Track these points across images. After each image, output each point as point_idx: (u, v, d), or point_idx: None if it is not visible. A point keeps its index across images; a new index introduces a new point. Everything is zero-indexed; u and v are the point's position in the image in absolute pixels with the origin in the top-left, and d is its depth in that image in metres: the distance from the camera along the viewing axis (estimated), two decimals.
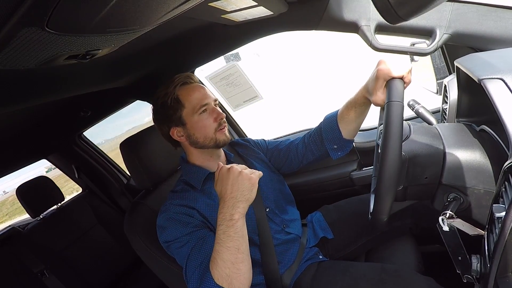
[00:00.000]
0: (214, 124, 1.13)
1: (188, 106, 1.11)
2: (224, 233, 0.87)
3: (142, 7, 0.55)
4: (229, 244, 0.86)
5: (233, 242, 0.86)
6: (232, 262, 0.86)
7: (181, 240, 0.99)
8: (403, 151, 0.81)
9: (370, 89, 0.98)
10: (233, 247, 0.86)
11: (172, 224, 1.03)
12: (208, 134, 1.12)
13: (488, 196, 0.76)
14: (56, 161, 2.68)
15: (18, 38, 0.46)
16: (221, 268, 0.86)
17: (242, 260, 0.87)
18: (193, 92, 1.12)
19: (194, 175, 1.16)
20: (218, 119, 1.13)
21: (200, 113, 1.11)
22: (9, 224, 2.64)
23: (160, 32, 1.05)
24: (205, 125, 1.12)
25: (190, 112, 1.11)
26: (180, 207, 1.06)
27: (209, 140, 1.13)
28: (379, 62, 0.92)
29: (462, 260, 0.76)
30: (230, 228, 0.86)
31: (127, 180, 2.74)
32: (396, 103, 0.76)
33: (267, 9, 1.09)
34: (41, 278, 2.00)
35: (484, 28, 1.06)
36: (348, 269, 1.08)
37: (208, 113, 1.13)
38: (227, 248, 0.86)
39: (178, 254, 1.00)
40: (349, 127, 1.15)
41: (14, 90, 0.95)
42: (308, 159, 1.28)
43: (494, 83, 0.67)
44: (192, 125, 1.12)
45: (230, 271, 0.85)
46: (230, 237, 0.86)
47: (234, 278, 0.85)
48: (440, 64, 1.36)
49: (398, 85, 0.84)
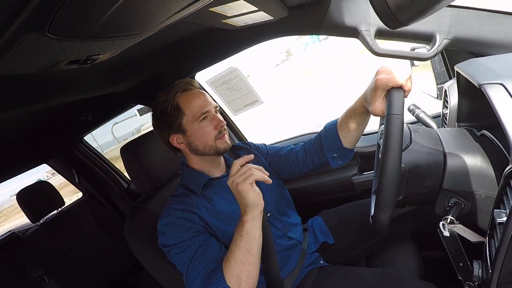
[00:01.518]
0: (214, 132, 1.12)
1: (189, 113, 1.10)
2: (237, 232, 0.90)
3: (143, 12, 0.55)
4: (240, 244, 0.88)
5: (244, 243, 0.88)
6: (243, 263, 0.87)
7: (182, 245, 0.99)
8: (403, 163, 0.80)
9: (368, 99, 0.96)
10: (244, 247, 0.88)
11: (173, 229, 1.03)
12: (208, 142, 1.11)
13: (489, 201, 0.76)
14: (57, 166, 2.68)
15: (20, 44, 0.46)
16: (233, 268, 0.87)
17: (252, 263, 0.89)
18: (193, 99, 1.11)
19: (194, 180, 1.16)
20: (219, 127, 1.12)
21: (200, 120, 1.10)
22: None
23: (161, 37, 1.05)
24: (205, 132, 1.11)
25: (191, 119, 1.10)
26: (180, 212, 1.05)
27: (209, 148, 1.12)
28: (377, 71, 0.90)
29: (464, 266, 0.75)
30: (241, 228, 0.89)
31: (127, 185, 2.74)
32: (395, 117, 0.74)
33: (267, 14, 1.10)
34: (41, 283, 1.99)
35: (484, 33, 1.06)
36: (349, 274, 1.07)
37: (208, 121, 1.12)
38: (238, 248, 0.88)
39: (179, 259, 0.99)
40: (349, 136, 1.13)
41: (15, 95, 0.95)
42: (308, 167, 1.27)
43: (494, 88, 0.67)
44: (192, 132, 1.11)
45: (241, 272, 0.87)
46: (241, 236, 0.88)
47: (244, 280, 0.87)
48: (440, 69, 1.36)
49: (398, 96, 0.81)
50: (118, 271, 2.43)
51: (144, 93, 1.68)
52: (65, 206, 2.44)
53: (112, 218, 2.61)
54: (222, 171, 1.23)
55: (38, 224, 2.27)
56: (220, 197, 1.14)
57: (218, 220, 1.09)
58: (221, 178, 1.20)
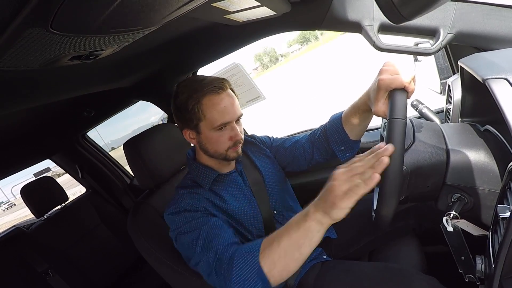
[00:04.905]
0: (228, 143, 1.08)
1: (209, 119, 1.04)
2: (296, 222, 0.80)
3: (145, 8, 0.55)
4: (292, 235, 0.79)
5: (298, 236, 0.78)
6: (286, 253, 0.79)
7: (190, 225, 0.97)
8: (405, 164, 0.80)
9: (371, 98, 0.93)
10: (296, 240, 0.78)
11: (182, 214, 1.01)
12: (219, 149, 1.08)
13: (493, 197, 0.76)
14: (60, 161, 2.70)
15: (23, 39, 0.46)
16: (273, 252, 0.80)
17: (296, 259, 0.80)
18: (218, 106, 1.03)
19: (203, 175, 1.14)
20: (234, 139, 1.08)
21: (218, 129, 1.05)
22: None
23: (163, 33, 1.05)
24: (219, 141, 1.07)
25: (208, 126, 1.05)
26: (189, 200, 1.04)
27: (218, 154, 1.10)
28: (380, 70, 0.87)
29: (465, 260, 0.75)
30: (303, 221, 0.79)
31: (130, 180, 2.75)
32: (398, 121, 0.73)
33: (270, 9, 1.09)
34: (45, 277, 2.02)
35: (488, 27, 1.05)
36: (352, 268, 1.07)
37: (226, 130, 1.07)
38: (289, 237, 0.79)
39: (187, 238, 0.96)
40: (355, 130, 1.12)
41: (19, 91, 0.96)
42: (317, 160, 1.25)
43: (498, 83, 0.67)
44: (206, 136, 1.07)
45: (279, 260, 0.79)
46: (298, 229, 0.79)
47: (278, 269, 0.80)
48: (443, 64, 1.36)
49: (401, 99, 0.79)
50: (122, 265, 2.45)
51: (147, 88, 1.68)
52: (69, 201, 2.46)
53: (115, 213, 2.63)
54: (231, 168, 1.21)
55: (42, 219, 2.29)
56: (229, 193, 1.13)
57: (225, 216, 1.08)
58: (230, 174, 1.18)
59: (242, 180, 1.19)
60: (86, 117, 2.04)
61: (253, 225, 1.12)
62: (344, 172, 0.73)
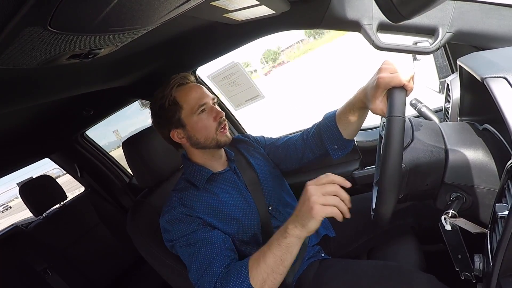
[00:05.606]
0: (214, 124, 1.12)
1: (186, 107, 1.11)
2: (277, 240, 0.87)
3: (144, 6, 0.55)
4: (276, 252, 0.86)
5: (281, 253, 0.86)
6: (272, 270, 0.87)
7: (185, 239, 1.00)
8: (404, 163, 0.80)
9: (369, 95, 0.93)
10: (279, 257, 0.86)
11: (176, 225, 1.04)
12: (209, 134, 1.12)
13: (491, 195, 0.76)
14: (59, 160, 2.69)
15: (21, 38, 0.46)
16: (261, 270, 0.87)
17: (282, 273, 0.87)
18: (190, 93, 1.12)
19: (196, 174, 1.16)
20: (218, 118, 1.13)
21: (199, 113, 1.11)
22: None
23: (162, 31, 1.05)
24: (205, 125, 1.12)
25: (189, 113, 1.11)
26: (182, 207, 1.06)
27: (210, 140, 1.13)
28: (380, 68, 0.87)
29: (462, 258, 0.76)
30: (284, 238, 0.86)
31: (129, 179, 2.75)
32: (397, 119, 0.73)
33: (269, 8, 1.09)
34: (44, 276, 2.02)
35: (487, 26, 1.05)
36: (350, 266, 1.08)
37: (207, 113, 1.13)
38: (273, 255, 0.86)
39: (184, 253, 1.00)
40: (349, 128, 1.12)
41: (17, 89, 0.95)
42: (308, 158, 1.27)
43: (497, 82, 0.67)
44: (192, 126, 1.12)
45: (268, 277, 0.86)
46: (280, 246, 0.86)
47: (268, 284, 0.87)
48: (442, 63, 1.36)
49: (400, 97, 0.79)
50: (121, 265, 2.45)
51: (146, 87, 1.68)
52: (68, 200, 2.46)
53: (114, 213, 2.62)
54: (224, 166, 1.23)
55: (41, 218, 2.29)
56: (224, 191, 1.15)
57: (222, 216, 1.09)
58: (224, 173, 1.20)
59: (237, 178, 1.21)
60: (85, 116, 2.03)
61: (250, 221, 1.13)
62: (317, 188, 0.81)
